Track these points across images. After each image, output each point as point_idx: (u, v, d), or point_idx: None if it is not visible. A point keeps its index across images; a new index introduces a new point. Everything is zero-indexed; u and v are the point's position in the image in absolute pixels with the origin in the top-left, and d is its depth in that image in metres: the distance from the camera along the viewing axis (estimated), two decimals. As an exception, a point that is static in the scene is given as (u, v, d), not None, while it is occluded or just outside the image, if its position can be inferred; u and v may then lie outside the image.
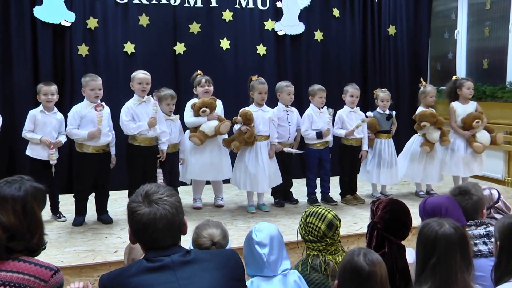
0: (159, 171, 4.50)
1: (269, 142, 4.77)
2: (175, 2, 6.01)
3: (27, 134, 4.28)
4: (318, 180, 5.11)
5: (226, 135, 4.78)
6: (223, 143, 4.70)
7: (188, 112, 4.72)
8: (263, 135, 4.73)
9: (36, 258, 1.99)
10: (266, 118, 4.75)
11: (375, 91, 5.40)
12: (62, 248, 3.71)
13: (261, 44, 6.42)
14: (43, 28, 5.50)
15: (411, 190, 5.65)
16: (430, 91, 5.30)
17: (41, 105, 4.32)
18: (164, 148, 4.50)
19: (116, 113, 4.43)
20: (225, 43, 6.23)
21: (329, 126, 4.94)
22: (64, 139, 4.40)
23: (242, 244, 2.40)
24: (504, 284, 2.05)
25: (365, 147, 5.14)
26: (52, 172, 4.30)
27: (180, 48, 6.05)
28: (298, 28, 6.56)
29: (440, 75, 7.31)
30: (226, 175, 4.86)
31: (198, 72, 4.85)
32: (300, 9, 6.56)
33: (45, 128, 4.29)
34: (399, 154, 5.44)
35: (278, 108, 4.95)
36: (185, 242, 1.84)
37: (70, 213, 4.42)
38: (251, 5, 6.35)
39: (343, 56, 6.85)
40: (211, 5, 6.15)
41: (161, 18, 5.99)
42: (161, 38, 6.00)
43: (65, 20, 5.56)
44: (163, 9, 5.99)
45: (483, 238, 2.58)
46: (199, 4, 6.10)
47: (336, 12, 6.77)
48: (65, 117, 4.40)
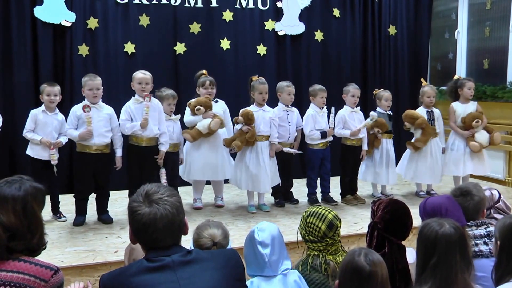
0: (162, 171, 4.49)
1: (270, 142, 4.78)
2: (175, 2, 6.01)
3: (27, 134, 4.29)
4: (318, 180, 5.11)
5: (227, 135, 4.79)
6: (224, 142, 4.70)
7: (187, 111, 4.75)
8: (263, 135, 4.73)
9: (37, 258, 1.99)
10: (267, 118, 4.75)
11: (376, 91, 5.40)
12: (62, 248, 3.71)
13: (261, 44, 6.42)
14: (43, 28, 5.50)
15: (412, 190, 5.65)
16: (427, 91, 5.30)
17: (43, 105, 4.33)
18: (163, 149, 4.48)
19: (116, 113, 4.43)
20: (225, 43, 6.23)
21: (332, 125, 4.94)
22: (64, 140, 4.40)
23: (243, 244, 2.40)
24: (505, 284, 2.05)
25: (365, 147, 5.15)
26: (54, 172, 4.31)
27: (180, 48, 6.05)
28: (298, 28, 6.56)
29: (440, 75, 7.31)
30: (226, 175, 4.86)
31: (203, 71, 4.85)
32: (301, 9, 6.56)
33: (45, 128, 4.30)
34: (403, 154, 5.50)
35: (278, 108, 4.95)
36: (185, 242, 1.84)
37: (70, 213, 4.42)
38: (251, 5, 6.35)
39: (344, 56, 6.85)
40: (211, 5, 6.15)
41: (161, 18, 5.99)
42: (162, 38, 6.00)
43: (65, 20, 5.55)
44: (163, 9, 5.99)
45: (484, 238, 2.58)
46: (199, 4, 6.10)
47: (336, 12, 6.76)
48: (66, 117, 4.40)
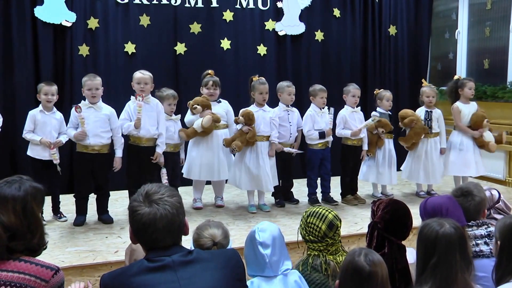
0: (163, 171, 4.49)
1: (270, 142, 4.78)
2: (175, 2, 6.01)
3: (27, 135, 4.29)
4: (318, 180, 5.11)
5: (227, 133, 4.79)
6: (224, 142, 4.70)
7: (189, 111, 4.76)
8: (264, 135, 4.73)
9: (37, 258, 2.00)
10: (267, 118, 4.75)
11: (376, 91, 5.40)
12: (63, 248, 3.71)
13: (261, 44, 6.41)
14: (44, 28, 5.50)
15: (412, 190, 5.65)
16: (425, 91, 5.32)
17: (40, 105, 4.32)
18: (159, 150, 4.45)
19: (117, 113, 4.43)
20: (225, 43, 6.23)
21: (331, 125, 4.93)
22: (64, 139, 4.39)
23: (243, 244, 2.40)
24: (505, 284, 2.05)
25: (365, 147, 5.15)
26: (59, 171, 4.32)
27: (180, 48, 6.05)
28: (298, 28, 6.55)
29: (440, 75, 7.31)
30: (221, 176, 4.84)
31: (208, 71, 4.86)
32: (301, 9, 6.55)
33: (45, 128, 4.29)
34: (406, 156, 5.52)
35: (279, 108, 4.95)
36: (186, 242, 1.84)
37: (71, 213, 4.42)
38: (251, 5, 6.35)
39: (344, 56, 6.85)
40: (211, 5, 6.15)
41: (161, 18, 5.98)
42: (162, 38, 6.00)
43: (66, 20, 5.55)
44: (163, 9, 5.98)
45: (485, 238, 2.58)
46: (199, 4, 6.10)
47: (336, 12, 6.76)
48: (67, 117, 4.40)
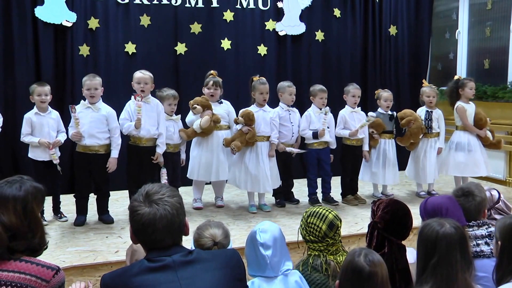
0: (163, 171, 4.49)
1: (270, 142, 4.78)
2: (176, 3, 6.01)
3: (25, 139, 4.27)
4: (319, 180, 5.11)
5: (229, 134, 4.79)
6: (224, 142, 4.70)
7: (190, 111, 4.75)
8: (264, 136, 4.73)
9: (38, 258, 2.00)
10: (267, 118, 4.76)
11: (377, 91, 5.40)
12: (64, 248, 3.72)
13: (262, 44, 6.41)
14: (44, 28, 5.50)
15: (412, 191, 5.65)
16: (425, 91, 5.34)
17: (34, 107, 4.28)
18: (159, 151, 4.46)
19: (117, 113, 4.43)
20: (226, 43, 6.23)
21: (325, 126, 4.92)
22: (63, 138, 4.37)
23: (244, 244, 2.40)
24: (506, 284, 2.05)
25: (366, 147, 5.15)
26: (59, 171, 4.31)
27: (181, 48, 6.05)
28: (299, 28, 6.55)
29: (441, 75, 7.30)
30: (220, 176, 4.83)
31: (211, 72, 4.86)
32: (301, 9, 6.55)
33: (42, 129, 4.27)
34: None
35: (280, 108, 4.95)
36: (186, 242, 1.84)
37: (71, 213, 4.43)
38: (252, 5, 6.35)
39: (344, 56, 6.84)
40: (212, 6, 6.15)
41: (162, 18, 5.98)
42: (162, 38, 6.00)
43: (66, 21, 5.55)
44: (164, 9, 5.98)
45: (485, 238, 2.57)
46: (200, 5, 6.10)
47: (337, 12, 6.76)
48: (67, 117, 4.40)
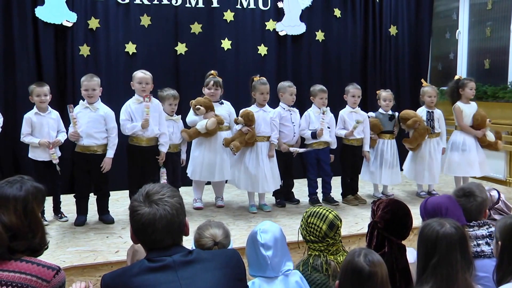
0: (163, 171, 4.50)
1: (270, 142, 4.77)
2: (176, 3, 6.01)
3: (25, 139, 4.26)
4: (319, 180, 5.11)
5: (229, 135, 4.79)
6: (223, 142, 4.70)
7: (191, 111, 4.75)
8: (264, 136, 4.73)
9: (38, 258, 2.00)
10: (268, 118, 4.75)
11: (378, 92, 5.40)
12: (64, 248, 3.72)
13: (262, 45, 6.41)
14: (44, 28, 5.50)
15: (413, 191, 5.65)
16: (427, 91, 5.32)
17: (34, 107, 4.28)
18: (163, 150, 4.49)
19: (117, 113, 4.44)
20: (226, 44, 6.23)
21: (323, 126, 4.91)
22: (63, 137, 4.37)
23: (244, 244, 2.40)
24: (506, 284, 2.04)
25: (366, 148, 5.15)
26: (58, 171, 4.31)
27: (181, 48, 6.05)
28: (299, 28, 6.55)
29: (441, 75, 7.31)
30: (224, 176, 4.84)
31: (211, 72, 4.86)
32: (302, 10, 6.55)
33: (42, 129, 4.27)
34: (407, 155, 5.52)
35: (280, 108, 4.94)
36: (186, 242, 1.84)
37: (72, 213, 4.43)
38: (252, 6, 6.35)
39: (344, 56, 6.84)
40: (212, 6, 6.15)
41: (162, 18, 5.98)
42: (163, 38, 5.99)
43: (66, 21, 5.55)
44: (164, 9, 5.98)
45: (486, 238, 2.57)
46: (200, 5, 6.10)
47: (337, 13, 6.76)
48: (67, 117, 4.39)
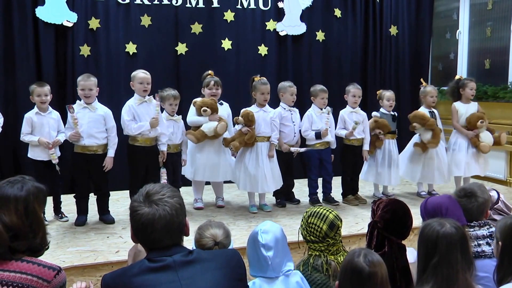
0: (163, 171, 4.50)
1: (270, 142, 4.77)
2: (177, 3, 6.01)
3: (25, 138, 4.26)
4: (320, 181, 5.11)
5: (228, 135, 4.79)
6: (223, 142, 4.70)
7: (191, 110, 4.73)
8: (264, 136, 4.73)
9: (39, 258, 2.00)
10: (268, 118, 4.75)
11: (379, 92, 5.40)
12: (64, 248, 3.72)
13: (262, 45, 6.42)
14: (45, 28, 5.50)
15: (413, 191, 5.65)
16: (430, 91, 5.32)
17: (35, 106, 4.28)
18: (164, 149, 4.50)
19: (118, 113, 4.43)
20: (226, 44, 6.23)
21: (328, 126, 4.92)
22: (63, 138, 4.36)
23: (245, 244, 2.40)
24: (507, 284, 2.04)
25: (365, 147, 5.14)
26: (58, 171, 4.30)
27: (181, 48, 6.05)
28: (299, 28, 6.56)
29: (441, 75, 7.31)
30: (227, 176, 4.84)
31: (209, 72, 4.85)
32: (302, 10, 6.56)
33: (42, 129, 4.26)
34: (400, 154, 5.44)
35: (281, 108, 4.94)
36: (187, 242, 1.85)
37: (72, 213, 4.43)
38: (252, 6, 6.35)
39: (345, 56, 6.85)
40: (212, 6, 6.15)
41: (163, 18, 5.98)
42: (163, 38, 6.00)
43: (67, 21, 5.56)
44: (165, 9, 5.99)
45: (486, 238, 2.57)
46: (200, 5, 6.10)
47: (337, 13, 6.76)
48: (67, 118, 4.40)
